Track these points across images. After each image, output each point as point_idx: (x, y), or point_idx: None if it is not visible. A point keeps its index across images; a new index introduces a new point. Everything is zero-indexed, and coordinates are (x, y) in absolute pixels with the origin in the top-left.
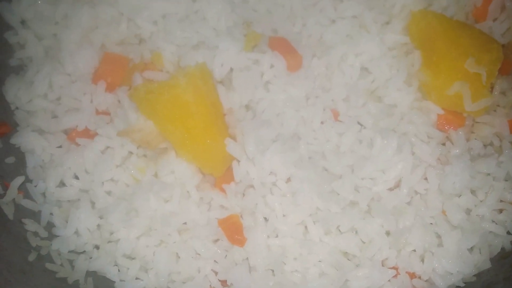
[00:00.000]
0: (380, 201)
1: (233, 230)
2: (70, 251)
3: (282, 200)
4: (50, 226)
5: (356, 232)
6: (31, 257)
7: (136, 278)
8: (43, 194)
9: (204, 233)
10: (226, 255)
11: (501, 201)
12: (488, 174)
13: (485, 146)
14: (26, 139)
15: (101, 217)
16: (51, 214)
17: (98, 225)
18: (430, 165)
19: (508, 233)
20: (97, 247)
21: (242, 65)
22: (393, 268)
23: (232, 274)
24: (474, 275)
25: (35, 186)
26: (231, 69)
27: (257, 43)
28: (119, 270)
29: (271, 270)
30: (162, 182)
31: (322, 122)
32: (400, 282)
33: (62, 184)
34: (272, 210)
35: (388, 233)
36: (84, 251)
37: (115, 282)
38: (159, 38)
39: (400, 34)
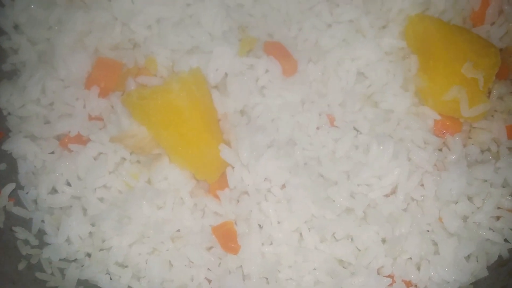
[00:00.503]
0: (376, 207)
1: (227, 237)
2: (61, 259)
3: (277, 207)
4: (41, 234)
5: (352, 239)
6: (21, 266)
7: (128, 287)
8: (35, 201)
9: (198, 240)
10: (219, 263)
11: (498, 208)
12: (485, 181)
13: (482, 152)
14: (18, 145)
15: (93, 225)
16: (43, 221)
17: (90, 233)
18: (427, 171)
19: (506, 240)
20: (88, 255)
21: (237, 70)
22: (389, 276)
23: (226, 282)
24: (471, 284)
25: (27, 193)
26: (226, 74)
27: (252, 48)
28: (111, 279)
29: (266, 278)
30: (155, 189)
31: (318, 128)
32: None
33: (54, 190)
34: (266, 217)
35: (384, 241)
36: (76, 259)
37: None
38: (153, 43)
39: (397, 38)
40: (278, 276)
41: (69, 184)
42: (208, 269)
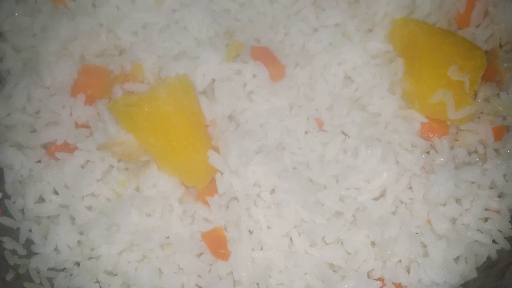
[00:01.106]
0: (365, 211)
1: (217, 244)
2: (49, 269)
3: (267, 212)
4: (29, 243)
5: (342, 243)
6: (9, 276)
7: None
8: (22, 211)
9: (188, 247)
10: (210, 270)
11: (486, 209)
12: (473, 183)
13: (469, 153)
14: (4, 154)
15: (81, 233)
16: (30, 231)
17: (79, 241)
18: (415, 174)
19: (494, 242)
20: (77, 263)
21: (224, 76)
22: (379, 279)
23: None
24: (461, 285)
25: (14, 202)
26: (213, 80)
27: (239, 53)
28: (100, 287)
29: (256, 283)
30: (144, 196)
31: (306, 132)
32: None
33: (41, 199)
34: (256, 222)
35: (373, 244)
36: (64, 268)
37: None
38: (140, 49)
39: (383, 42)
40: (269, 281)
41: (56, 193)
42: (199, 275)
